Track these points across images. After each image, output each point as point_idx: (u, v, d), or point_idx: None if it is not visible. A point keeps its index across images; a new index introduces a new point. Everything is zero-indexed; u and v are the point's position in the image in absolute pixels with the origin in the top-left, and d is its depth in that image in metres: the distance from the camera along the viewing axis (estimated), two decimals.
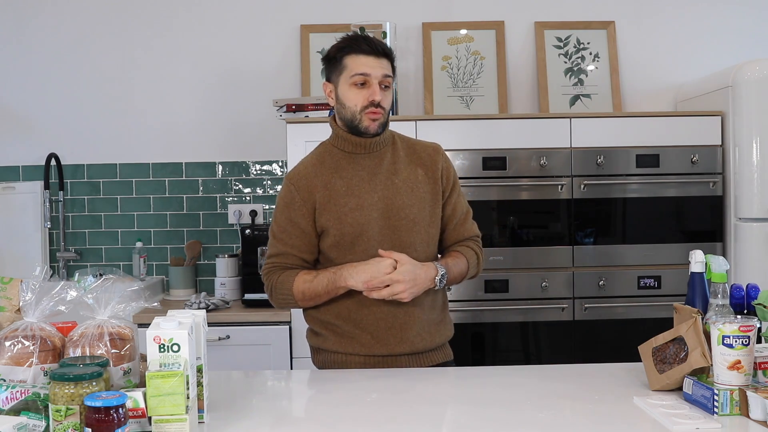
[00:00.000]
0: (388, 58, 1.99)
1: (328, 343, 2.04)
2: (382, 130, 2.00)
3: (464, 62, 3.49)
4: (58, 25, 3.51)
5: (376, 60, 1.96)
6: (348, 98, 1.98)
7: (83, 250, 3.52)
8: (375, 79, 1.95)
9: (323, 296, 1.98)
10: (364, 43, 1.96)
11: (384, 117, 1.99)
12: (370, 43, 1.96)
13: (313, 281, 1.98)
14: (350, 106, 1.98)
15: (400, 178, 2.02)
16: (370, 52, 1.95)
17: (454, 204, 2.09)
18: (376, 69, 1.95)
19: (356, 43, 1.97)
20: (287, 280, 2.00)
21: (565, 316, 2.99)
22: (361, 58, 1.95)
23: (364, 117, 1.97)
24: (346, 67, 1.97)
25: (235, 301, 3.21)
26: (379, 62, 1.96)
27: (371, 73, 1.95)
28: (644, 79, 3.55)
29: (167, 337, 1.42)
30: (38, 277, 1.54)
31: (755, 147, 2.93)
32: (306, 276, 1.99)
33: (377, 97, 1.95)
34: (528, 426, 1.52)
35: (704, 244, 2.93)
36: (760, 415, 1.46)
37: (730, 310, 1.65)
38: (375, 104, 1.95)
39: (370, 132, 1.98)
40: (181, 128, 3.53)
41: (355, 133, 2.00)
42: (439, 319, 2.09)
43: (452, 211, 2.09)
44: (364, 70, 1.95)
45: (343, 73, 1.98)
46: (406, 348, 2.01)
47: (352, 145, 2.02)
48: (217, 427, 1.53)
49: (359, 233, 1.97)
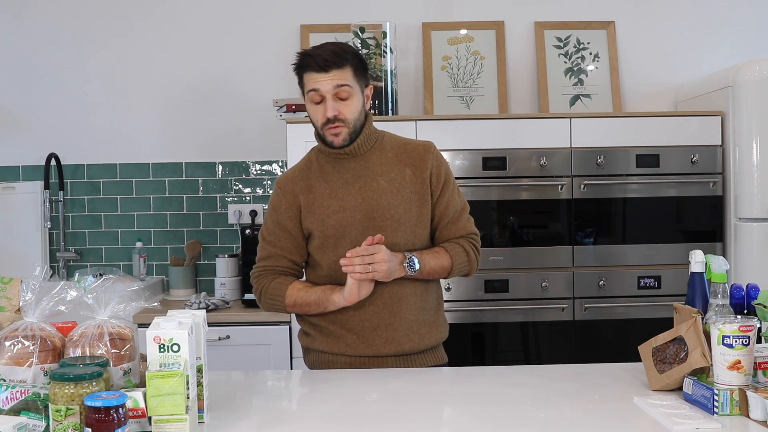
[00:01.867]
0: (338, 68, 1.93)
1: (315, 343, 2.07)
2: (349, 142, 2.00)
3: (464, 62, 3.49)
4: (58, 25, 3.51)
5: (326, 74, 1.93)
6: (311, 114, 2.02)
7: (83, 250, 3.52)
8: (327, 93, 1.95)
9: (313, 307, 2.01)
10: (311, 60, 1.95)
11: (349, 128, 1.98)
12: (317, 58, 1.94)
13: (307, 292, 2.01)
14: (314, 121, 2.02)
15: (385, 179, 2.02)
16: (316, 68, 1.94)
17: (447, 202, 2.06)
18: (325, 83, 1.94)
19: (304, 61, 1.97)
20: (279, 288, 2.03)
21: (565, 316, 2.99)
22: (312, 74, 1.95)
23: (326, 132, 1.99)
24: (304, 85, 2.00)
25: (235, 301, 3.22)
26: (329, 75, 1.93)
27: (320, 88, 1.95)
28: (644, 79, 3.55)
29: (167, 337, 1.42)
30: (38, 277, 1.54)
31: (755, 147, 2.93)
32: (300, 286, 2.03)
33: (329, 113, 1.95)
34: (528, 426, 1.52)
35: (704, 244, 2.92)
36: (760, 415, 1.46)
37: (730, 310, 1.65)
38: (331, 120, 1.96)
39: (335, 146, 2.00)
40: (181, 128, 3.53)
41: (326, 145, 2.03)
42: (431, 321, 2.08)
43: (444, 209, 2.06)
44: (313, 86, 1.96)
45: (304, 90, 2.00)
46: (392, 349, 2.01)
47: (335, 152, 2.04)
48: (217, 427, 1.53)
49: (341, 235, 1.99)
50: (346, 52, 1.97)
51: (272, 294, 2.03)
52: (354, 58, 1.98)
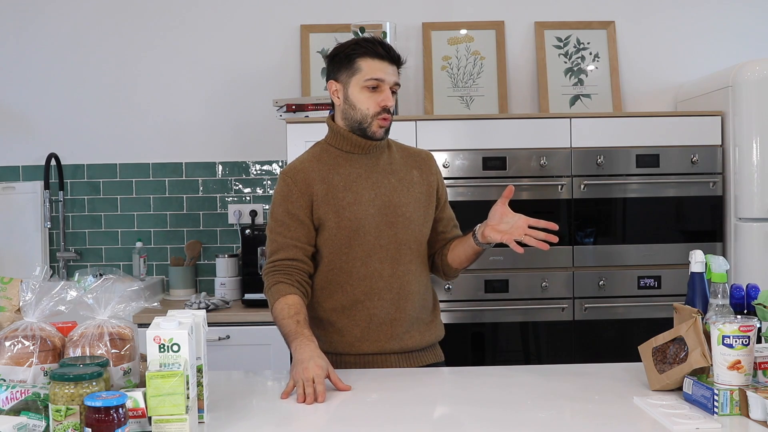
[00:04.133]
0: (398, 66, 2.02)
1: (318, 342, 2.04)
2: (386, 135, 2.04)
3: (464, 62, 3.49)
4: (58, 25, 3.51)
5: (390, 66, 1.99)
6: (360, 101, 1.99)
7: (83, 250, 3.52)
8: (388, 84, 1.98)
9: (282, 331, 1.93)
10: (380, 48, 1.98)
11: (390, 123, 2.03)
12: (387, 48, 1.99)
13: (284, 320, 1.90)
14: (362, 108, 1.99)
15: (396, 177, 2.06)
16: (385, 57, 1.98)
17: (449, 208, 2.19)
18: (390, 75, 1.99)
19: (372, 46, 1.98)
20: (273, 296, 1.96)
21: (565, 316, 2.99)
22: (377, 62, 1.97)
23: (374, 122, 1.99)
24: (360, 70, 1.98)
25: (235, 301, 3.21)
26: (392, 68, 2.00)
27: (385, 78, 1.98)
28: (644, 79, 3.55)
29: (167, 337, 1.42)
30: (38, 277, 1.54)
31: (755, 147, 2.93)
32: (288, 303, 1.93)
33: (390, 103, 1.98)
34: (528, 426, 1.52)
35: (704, 244, 2.93)
36: (760, 415, 1.46)
37: (730, 310, 1.65)
38: (387, 110, 1.99)
39: (377, 137, 2.02)
40: (181, 128, 3.53)
41: (359, 134, 2.02)
42: (429, 320, 2.12)
43: (450, 215, 2.18)
44: (379, 75, 1.97)
45: (356, 75, 1.98)
46: (396, 345, 2.03)
47: (351, 145, 2.04)
48: (217, 427, 1.53)
49: (356, 228, 2.00)
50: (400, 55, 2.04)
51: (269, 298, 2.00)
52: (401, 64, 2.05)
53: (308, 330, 1.88)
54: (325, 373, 1.75)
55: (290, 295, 1.95)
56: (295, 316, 1.90)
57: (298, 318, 1.90)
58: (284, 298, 1.95)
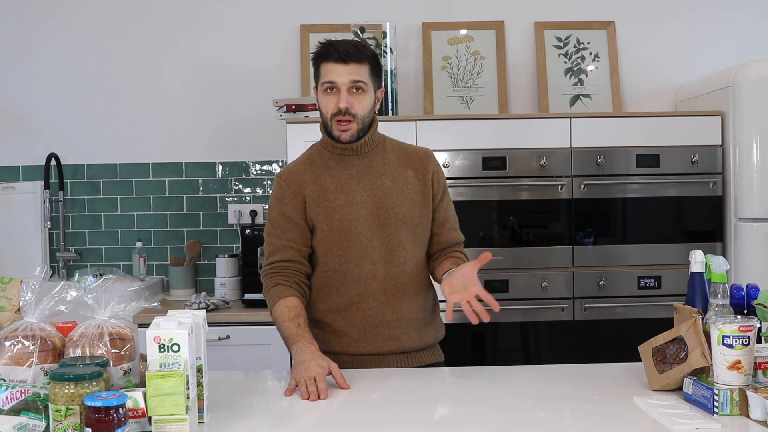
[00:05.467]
0: (357, 63, 1.97)
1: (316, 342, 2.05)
2: (355, 138, 2.02)
3: (464, 62, 3.49)
4: (58, 25, 3.51)
5: (344, 66, 1.97)
6: (321, 104, 2.03)
7: (83, 250, 3.52)
8: (342, 86, 1.98)
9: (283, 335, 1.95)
10: (332, 50, 1.98)
11: (358, 124, 2.00)
12: (338, 50, 1.98)
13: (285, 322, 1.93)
14: (324, 112, 2.03)
15: (389, 179, 2.06)
16: (337, 59, 1.97)
17: (446, 207, 2.14)
18: (343, 76, 1.97)
19: (326, 51, 2.00)
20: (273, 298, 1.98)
21: (565, 316, 2.99)
22: (330, 65, 1.99)
23: (334, 125, 2.01)
24: (320, 75, 2.02)
25: (235, 301, 3.21)
26: (347, 68, 1.97)
27: (337, 80, 1.98)
28: (644, 79, 3.55)
29: (167, 337, 1.42)
30: (38, 277, 1.54)
31: (755, 147, 2.93)
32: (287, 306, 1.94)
33: (342, 104, 1.97)
34: (528, 426, 1.52)
35: (704, 244, 2.92)
36: (760, 415, 1.46)
37: (730, 310, 1.65)
38: (342, 112, 1.97)
39: (341, 140, 2.02)
40: (181, 128, 3.53)
41: (332, 139, 2.04)
42: (428, 320, 2.12)
43: (444, 214, 2.13)
44: (330, 77, 1.98)
45: (319, 80, 2.03)
46: (393, 346, 2.04)
47: (340, 148, 2.06)
48: (217, 427, 1.53)
49: (348, 229, 2.00)
50: (366, 49, 2.02)
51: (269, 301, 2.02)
52: (373, 58, 2.03)
53: (309, 333, 1.90)
54: (326, 372, 1.77)
55: (289, 298, 1.97)
56: (295, 319, 1.92)
57: (299, 321, 1.92)
58: (283, 300, 1.96)
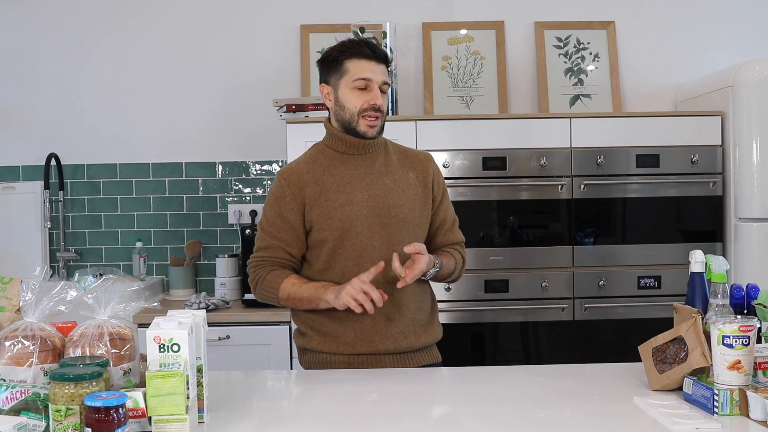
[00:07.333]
0: (386, 64, 2.05)
1: (312, 343, 2.07)
2: (378, 134, 2.06)
3: (464, 62, 3.49)
4: (58, 25, 3.51)
5: (377, 65, 2.02)
6: (348, 100, 2.02)
7: (83, 250, 3.52)
8: (376, 84, 2.01)
9: (305, 303, 2.02)
10: (366, 48, 2.02)
11: (382, 121, 2.05)
12: (372, 48, 2.02)
13: (301, 287, 2.01)
14: (350, 107, 2.02)
15: (391, 179, 2.07)
16: (372, 57, 2.01)
17: (445, 209, 2.17)
18: (377, 74, 2.02)
19: (358, 48, 2.02)
20: (275, 280, 2.03)
21: (565, 316, 2.99)
22: (363, 62, 2.01)
23: (361, 120, 2.02)
24: (348, 71, 2.02)
25: (235, 301, 3.21)
26: (380, 67, 2.03)
27: (373, 78, 2.01)
28: (644, 79, 3.55)
29: (167, 337, 1.42)
30: (38, 277, 1.54)
31: (755, 147, 2.93)
32: (294, 280, 2.03)
33: (378, 101, 2.01)
34: (528, 426, 1.52)
35: (704, 244, 2.93)
36: (760, 415, 1.46)
37: (730, 310, 1.65)
38: (375, 108, 2.01)
39: (368, 136, 2.04)
40: (181, 128, 3.53)
41: (352, 134, 2.04)
42: (426, 321, 2.13)
43: (444, 216, 2.17)
44: (366, 74, 2.00)
45: (344, 77, 2.02)
46: (390, 346, 2.04)
47: (346, 146, 2.06)
48: (217, 427, 1.53)
49: (348, 228, 2.01)
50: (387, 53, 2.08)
51: (267, 286, 2.04)
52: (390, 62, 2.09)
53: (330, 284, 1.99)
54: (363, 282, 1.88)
55: (291, 276, 2.04)
56: (310, 283, 2.01)
57: (315, 284, 2.00)
58: (287, 279, 2.03)
